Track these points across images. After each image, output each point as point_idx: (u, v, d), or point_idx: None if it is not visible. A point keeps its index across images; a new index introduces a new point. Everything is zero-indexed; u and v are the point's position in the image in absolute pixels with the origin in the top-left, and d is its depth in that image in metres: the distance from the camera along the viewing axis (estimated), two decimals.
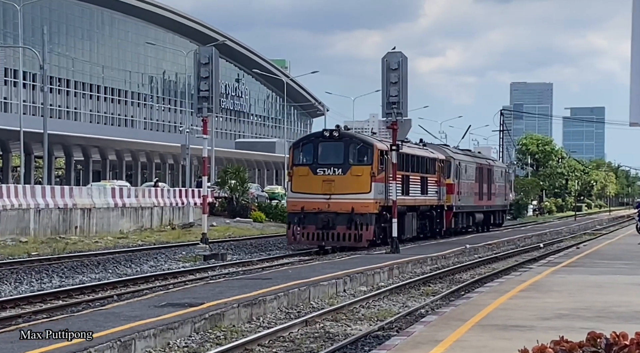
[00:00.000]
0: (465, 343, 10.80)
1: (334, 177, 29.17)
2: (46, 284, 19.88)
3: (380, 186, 29.58)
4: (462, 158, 42.01)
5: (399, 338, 11.61)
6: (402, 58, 27.85)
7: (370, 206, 29.01)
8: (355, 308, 16.88)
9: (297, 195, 29.44)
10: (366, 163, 29.48)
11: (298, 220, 28.99)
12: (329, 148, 29.76)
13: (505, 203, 52.32)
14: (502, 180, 50.54)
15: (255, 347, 12.69)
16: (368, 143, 29.98)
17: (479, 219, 44.12)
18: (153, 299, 15.45)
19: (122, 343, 11.37)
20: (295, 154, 30.31)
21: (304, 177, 29.43)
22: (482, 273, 24.83)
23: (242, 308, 14.85)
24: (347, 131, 30.55)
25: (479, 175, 44.10)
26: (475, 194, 43.05)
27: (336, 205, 28.86)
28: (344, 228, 28.81)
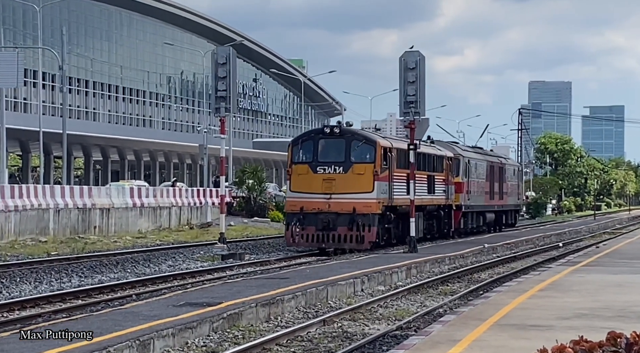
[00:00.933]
0: (483, 343, 10.76)
1: (334, 176, 27.92)
2: (65, 284, 19.96)
3: (384, 185, 28.47)
4: (472, 156, 40.47)
5: (417, 338, 11.58)
6: (419, 57, 27.79)
7: (372, 206, 27.74)
8: (373, 308, 16.86)
9: (296, 195, 28.17)
10: (368, 161, 28.20)
11: (297, 221, 27.75)
12: (330, 145, 28.47)
13: (518, 203, 50.66)
14: (515, 179, 48.92)
15: (274, 347, 12.69)
16: (370, 139, 28.66)
17: (490, 219, 42.57)
18: (171, 298, 15.48)
19: (141, 343, 11.40)
20: (294, 151, 28.83)
21: (303, 176, 28.20)
22: (500, 272, 24.74)
23: (260, 307, 14.86)
24: (348, 127, 29.39)
25: (490, 173, 42.51)
26: (486, 193, 41.46)
27: (337, 205, 27.63)
28: (345, 229, 27.56)
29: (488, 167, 42.32)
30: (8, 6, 74.00)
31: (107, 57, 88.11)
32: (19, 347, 10.65)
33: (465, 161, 38.30)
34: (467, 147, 43.37)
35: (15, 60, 41.81)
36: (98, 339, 11.18)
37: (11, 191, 31.88)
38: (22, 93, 74.47)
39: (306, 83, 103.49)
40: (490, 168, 42.62)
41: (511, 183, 47.08)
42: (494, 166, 43.56)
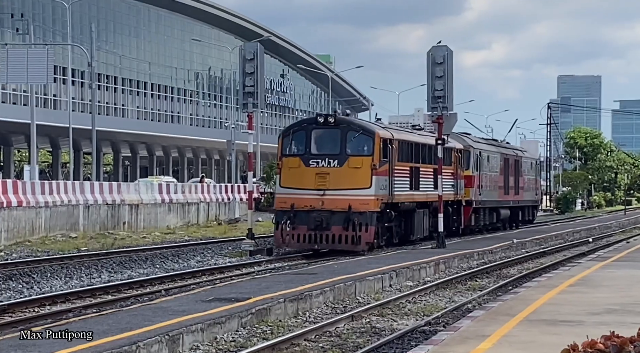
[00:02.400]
0: (513, 338, 10.72)
1: (328, 170, 25.40)
2: (95, 279, 20.10)
3: (383, 180, 25.96)
4: (484, 148, 37.76)
5: (445, 333, 11.55)
6: (447, 52, 27.70)
7: (370, 204, 25.18)
8: (401, 303, 16.84)
9: (287, 190, 25.69)
10: (366, 154, 25.65)
11: (287, 219, 25.18)
12: (324, 136, 25.97)
13: (536, 198, 47.59)
14: (533, 173, 46.01)
15: (302, 342, 12.71)
16: (368, 130, 26.15)
17: (504, 215, 39.70)
18: (200, 294, 15.55)
19: (171, 338, 11.46)
20: (284, 143, 26.28)
21: (294, 170, 25.72)
22: (529, 267, 24.63)
23: (289, 303, 14.89)
24: (344, 117, 26.82)
25: (504, 167, 39.75)
26: (499, 187, 38.66)
27: (331, 202, 25.10)
28: (340, 229, 24.95)
29: (502, 160, 39.83)
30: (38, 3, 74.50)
31: (135, 54, 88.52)
32: (49, 342, 10.74)
33: (477, 153, 35.89)
34: (479, 138, 40.50)
35: (45, 57, 42.13)
36: (128, 334, 11.25)
37: (42, 187, 32.16)
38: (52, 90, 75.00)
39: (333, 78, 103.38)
40: (504, 160, 40.11)
41: (528, 177, 44.45)
42: (509, 159, 40.95)
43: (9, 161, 73.25)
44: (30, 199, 30.80)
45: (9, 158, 73.42)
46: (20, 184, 31.46)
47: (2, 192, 29.48)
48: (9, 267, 21.20)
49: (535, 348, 9.98)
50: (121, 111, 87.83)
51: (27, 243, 28.62)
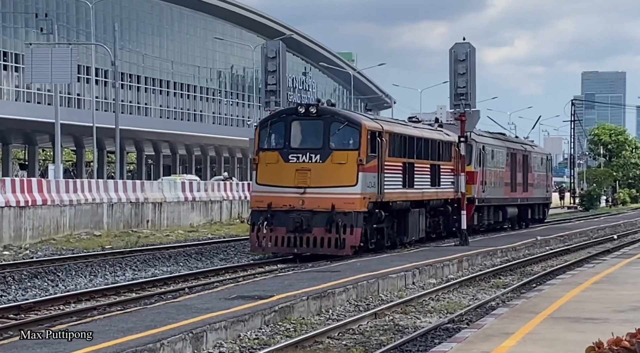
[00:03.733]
0: (537, 335, 10.68)
1: (310, 165, 23.08)
2: (119, 277, 20.21)
3: (371, 177, 23.56)
4: (488, 141, 35.23)
5: (469, 331, 11.52)
6: (470, 49, 27.63)
7: (356, 203, 22.81)
8: (424, 301, 16.81)
9: (264, 188, 23.36)
10: (352, 148, 23.27)
11: (264, 220, 22.91)
12: (305, 128, 23.71)
13: (547, 196, 44.59)
14: (543, 169, 43.26)
15: (325, 340, 12.72)
16: (354, 121, 23.65)
17: (511, 214, 37.37)
18: (223, 292, 15.59)
19: (194, 335, 11.50)
20: (262, 135, 23.92)
21: (272, 165, 23.43)
22: (553, 265, 24.52)
23: (312, 300, 14.90)
24: (327, 107, 24.22)
25: (511, 162, 37.29)
26: (506, 184, 36.18)
27: (312, 201, 22.81)
28: (322, 231, 22.66)
29: (509, 155, 37.28)
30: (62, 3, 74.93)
31: (158, 53, 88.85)
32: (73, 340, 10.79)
33: (479, 147, 33.30)
34: (483, 132, 37.59)
35: (69, 56, 42.38)
36: (152, 332, 11.30)
37: (66, 186, 32.37)
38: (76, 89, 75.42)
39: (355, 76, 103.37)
40: (511, 155, 37.54)
41: (538, 173, 41.82)
42: (517, 153, 38.37)
43: (34, 160, 73.75)
44: (55, 198, 31.01)
45: (33, 157, 73.94)
46: (45, 183, 31.68)
47: (27, 191, 29.70)
48: (35, 265, 21.37)
49: (560, 345, 9.94)
50: (144, 110, 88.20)
51: (52, 242, 28.82)
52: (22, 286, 18.18)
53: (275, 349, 11.51)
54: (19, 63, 68.32)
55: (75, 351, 9.95)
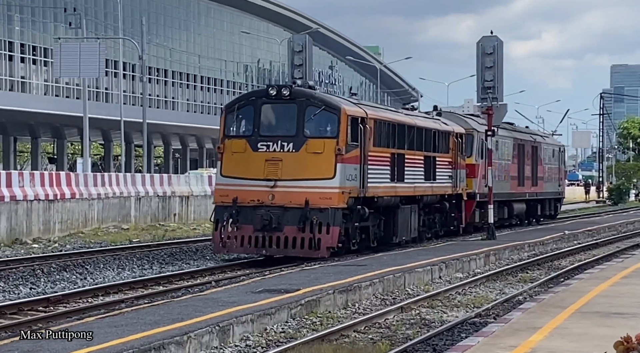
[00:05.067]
0: (565, 330, 10.62)
1: (281, 155, 20.35)
2: (147, 270, 20.31)
3: (352, 169, 20.73)
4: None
5: (496, 325, 11.49)
6: (497, 42, 27.53)
7: (333, 198, 20.08)
8: (451, 295, 16.77)
9: (229, 181, 20.67)
10: (329, 135, 20.55)
11: (229, 217, 20.29)
12: (277, 113, 20.95)
13: (560, 190, 41.41)
14: (556, 161, 40.44)
15: (352, 333, 12.72)
16: (332, 105, 20.79)
17: (519, 210, 34.69)
18: (250, 285, 15.63)
19: (221, 329, 11.54)
20: (227, 121, 21.23)
21: (239, 155, 20.70)
22: (582, 259, 24.37)
23: (338, 294, 14.91)
24: (303, 89, 21.24)
25: (519, 154, 34.64)
26: (512, 178, 33.49)
27: (284, 196, 20.13)
28: (294, 230, 20.01)
29: (516, 146, 34.50)
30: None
31: (185, 47, 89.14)
32: (104, 331, 10.87)
33: (482, 137, 30.01)
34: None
35: (97, 50, 42.62)
36: (179, 324, 11.36)
37: (94, 180, 32.62)
38: (104, 83, 75.85)
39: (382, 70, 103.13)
40: (518, 147, 34.74)
41: (549, 166, 39.03)
42: (525, 144, 35.47)
43: (63, 154, 74.28)
44: (83, 191, 31.24)
45: (62, 150, 74.46)
46: (74, 177, 31.92)
47: (56, 184, 29.93)
48: (63, 258, 21.53)
49: (588, 340, 9.88)
50: (171, 104, 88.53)
51: (80, 235, 29.03)
52: (51, 279, 18.32)
53: (301, 343, 11.52)
54: (48, 57, 68.78)
55: (103, 344, 10.02)
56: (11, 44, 69.58)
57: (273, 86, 21.10)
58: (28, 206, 27.85)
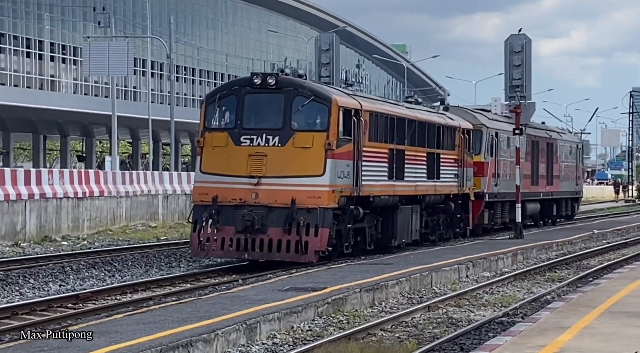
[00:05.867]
0: (594, 330, 10.54)
1: (266, 150, 18.50)
2: (174, 268, 20.38)
3: (344, 166, 18.91)
4: (503, 127, 30.27)
5: (524, 325, 11.42)
6: (526, 40, 27.41)
7: (322, 197, 18.23)
8: (478, 294, 16.70)
9: (209, 177, 18.87)
10: (319, 128, 18.67)
11: (208, 218, 18.58)
12: (261, 104, 18.97)
13: (577, 189, 39.55)
14: (573, 159, 38.48)
15: (378, 332, 12.70)
16: (323, 96, 18.84)
17: (532, 210, 32.81)
18: (277, 283, 15.64)
19: (248, 326, 11.56)
20: (208, 111, 19.35)
21: (220, 149, 18.87)
22: (611, 259, 24.19)
23: (364, 292, 14.88)
24: (290, 78, 19.20)
25: (532, 151, 32.81)
26: (525, 177, 31.02)
27: (268, 195, 18.29)
28: (280, 232, 18.19)
29: (529, 143, 32.40)
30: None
31: (212, 46, 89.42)
32: (132, 328, 10.92)
33: (491, 133, 28.78)
34: (497, 115, 32.51)
35: (126, 49, 42.86)
36: (206, 322, 11.39)
37: (122, 178, 32.83)
38: (132, 82, 76.22)
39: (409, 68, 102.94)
40: (532, 144, 32.81)
41: (566, 164, 37.22)
42: (539, 141, 33.51)
43: (91, 152, 74.78)
44: (111, 189, 31.43)
45: (91, 148, 74.97)
46: (102, 175, 32.12)
47: (84, 182, 30.14)
48: (92, 255, 21.66)
49: (618, 340, 9.80)
50: (199, 102, 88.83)
51: (108, 232, 29.21)
52: (79, 276, 18.44)
53: (328, 341, 11.52)
54: (77, 56, 69.23)
55: (131, 341, 10.06)
56: (41, 42, 70.07)
57: (258, 75, 19.14)
58: (57, 203, 28.05)
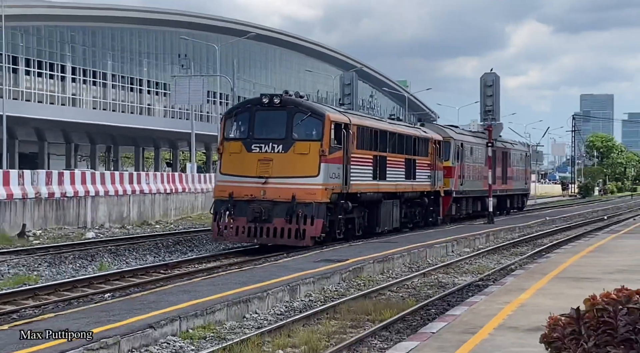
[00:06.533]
0: (546, 291, 10.48)
1: (272, 155, 17.62)
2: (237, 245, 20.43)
3: (335, 169, 17.97)
4: (467, 139, 29.33)
5: (495, 287, 11.37)
6: (495, 77, 27.47)
7: (317, 194, 17.33)
8: (460, 265, 16.61)
9: (227, 178, 17.87)
10: (315, 138, 17.71)
11: (225, 210, 17.60)
12: (268, 119, 18.09)
13: (526, 188, 38.50)
14: (522, 164, 37.52)
15: (387, 292, 12.68)
16: (318, 112, 18.09)
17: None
18: (311, 256, 15.65)
19: (291, 287, 11.58)
20: (227, 125, 18.39)
21: (235, 155, 17.89)
22: (558, 238, 23.96)
23: (376, 263, 14.86)
24: (292, 98, 18.34)
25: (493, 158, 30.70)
26: (485, 178, 29.46)
27: (273, 192, 17.38)
28: (283, 222, 17.25)
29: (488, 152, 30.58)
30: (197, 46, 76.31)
31: (264, 81, 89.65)
32: (206, 289, 10.96)
33: (458, 144, 27.80)
34: (464, 131, 31.47)
35: (201, 85, 43.18)
36: (260, 284, 11.42)
37: (199, 179, 33.28)
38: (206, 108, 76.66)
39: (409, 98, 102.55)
40: (492, 152, 30.53)
41: (517, 168, 36.14)
42: (496, 150, 31.81)
43: (176, 160, 75.37)
44: (191, 187, 31.71)
45: (176, 157, 75.57)
46: (184, 177, 32.45)
47: (171, 182, 30.50)
48: (177, 235, 21.79)
49: (564, 298, 9.73)
50: None
51: (189, 218, 29.37)
52: (168, 250, 18.55)
53: (349, 299, 11.52)
54: (166, 90, 69.79)
55: (206, 297, 10.11)
56: (140, 80, 70.81)
57: (266, 95, 18.35)
58: (152, 197, 28.28)
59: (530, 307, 9.10)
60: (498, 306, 9.27)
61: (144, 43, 73.03)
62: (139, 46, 72.48)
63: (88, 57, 67.40)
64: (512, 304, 9.35)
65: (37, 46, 62.15)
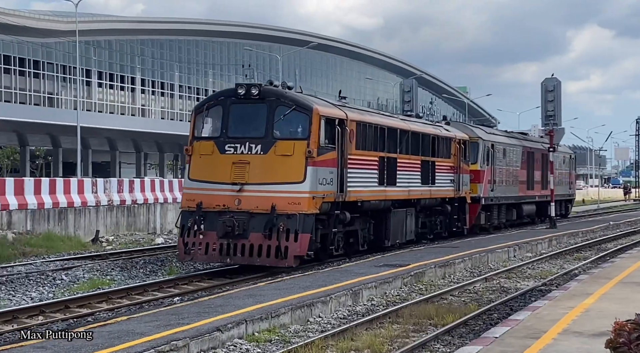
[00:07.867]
0: (610, 295, 10.21)
1: (249, 157, 14.24)
2: None
3: (327, 173, 14.53)
4: (499, 140, 25.63)
5: (558, 292, 11.14)
6: (556, 82, 27.10)
7: (303, 203, 13.95)
8: (523, 269, 16.32)
9: (195, 184, 14.52)
10: (300, 137, 14.32)
11: (193, 223, 14.22)
12: (245, 114, 14.61)
13: (570, 193, 34.90)
14: (566, 167, 34.19)
15: (448, 297, 12.57)
16: (304, 105, 14.50)
17: (528, 211, 28.18)
18: (373, 261, 15.62)
19: (353, 292, 11.59)
20: (197, 121, 14.95)
21: (206, 157, 14.59)
22: (623, 243, 23.25)
23: (438, 268, 14.74)
24: (273, 88, 14.78)
25: (527, 161, 28.05)
26: (521, 182, 26.99)
27: (250, 201, 14.03)
28: (260, 237, 13.88)
29: (525, 153, 27.87)
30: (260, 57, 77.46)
31: (325, 90, 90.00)
32: (270, 293, 11.08)
33: (487, 145, 24.19)
34: (496, 130, 28.30)
35: None
36: (324, 289, 11.47)
37: None
38: None
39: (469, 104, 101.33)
40: (527, 154, 28.14)
41: (559, 171, 32.33)
42: (534, 152, 28.83)
43: None
44: None
45: None
46: None
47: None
48: None
49: (629, 302, 9.47)
50: None
51: None
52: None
53: (411, 303, 11.46)
54: None
55: (271, 301, 10.22)
56: (206, 90, 72.18)
57: (242, 85, 14.81)
58: None
59: (594, 312, 8.89)
60: (562, 311, 9.09)
61: (209, 54, 74.50)
62: (204, 57, 73.98)
63: (156, 69, 69.18)
64: (576, 309, 9.15)
65: (109, 59, 64.13)
